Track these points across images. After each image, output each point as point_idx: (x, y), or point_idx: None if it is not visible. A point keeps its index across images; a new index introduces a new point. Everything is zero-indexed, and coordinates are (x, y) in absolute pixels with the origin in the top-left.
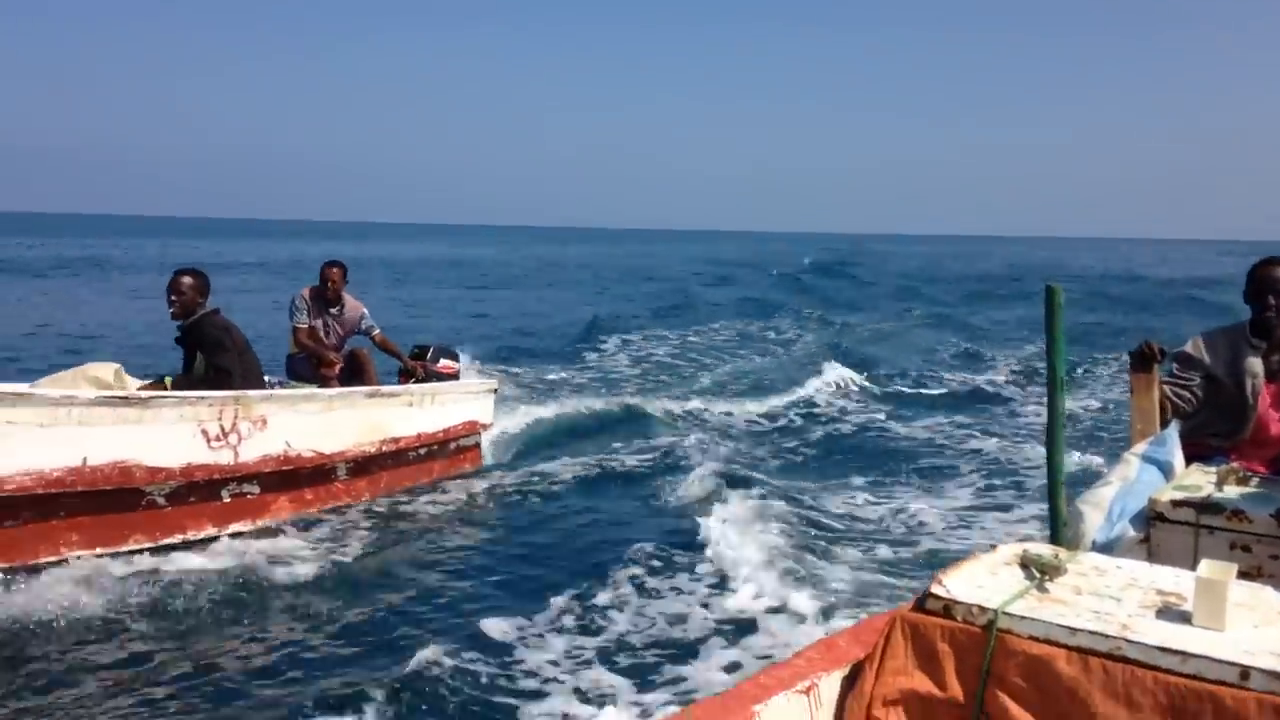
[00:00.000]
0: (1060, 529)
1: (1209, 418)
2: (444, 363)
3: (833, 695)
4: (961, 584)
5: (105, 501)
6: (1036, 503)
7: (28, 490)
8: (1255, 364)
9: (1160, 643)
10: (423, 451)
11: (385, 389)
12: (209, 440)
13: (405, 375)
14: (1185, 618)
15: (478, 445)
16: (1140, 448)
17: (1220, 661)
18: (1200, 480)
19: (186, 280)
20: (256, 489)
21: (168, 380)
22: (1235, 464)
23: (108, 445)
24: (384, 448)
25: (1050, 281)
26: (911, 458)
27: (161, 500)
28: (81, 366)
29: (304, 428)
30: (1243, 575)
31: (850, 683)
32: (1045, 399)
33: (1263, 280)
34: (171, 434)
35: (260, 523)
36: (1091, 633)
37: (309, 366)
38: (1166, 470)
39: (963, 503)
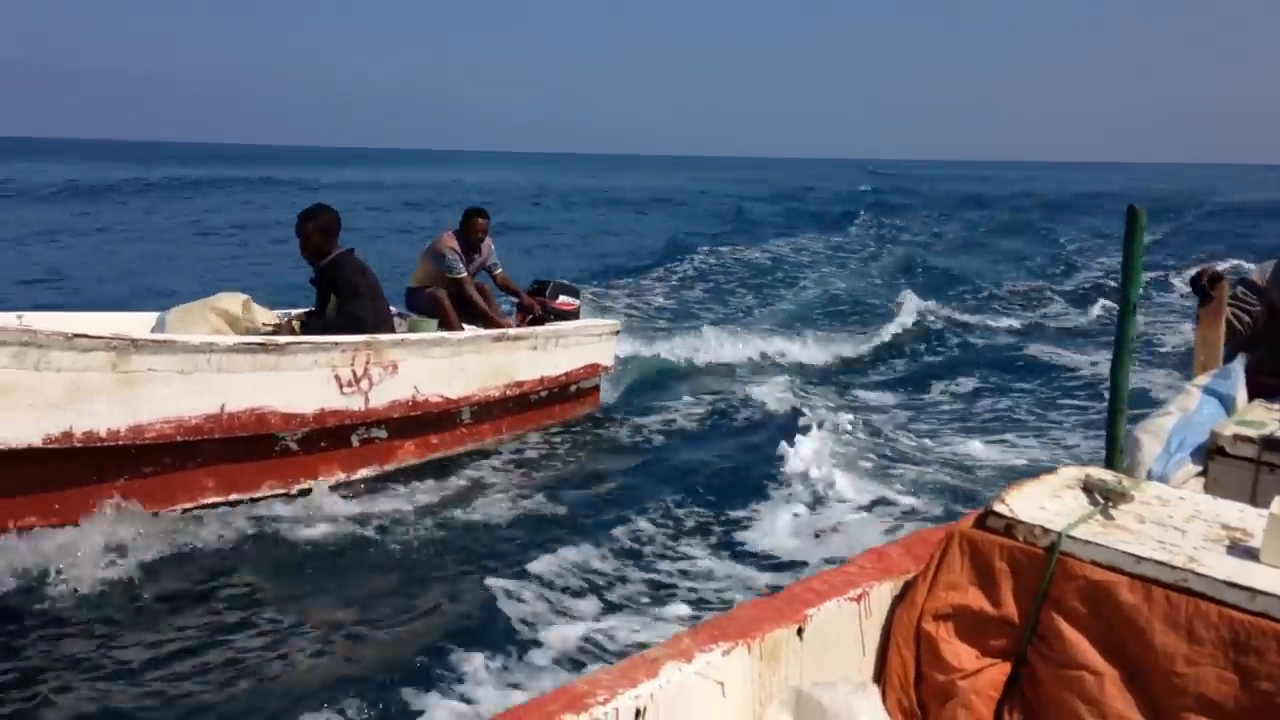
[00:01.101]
0: (1117, 456)
1: (1269, 352)
2: (563, 299)
3: (883, 605)
4: (1023, 504)
5: (240, 448)
6: (1081, 429)
7: (168, 438)
8: None
9: (1227, 577)
10: (544, 394)
11: (511, 332)
12: (341, 386)
13: (523, 312)
14: (1252, 554)
15: (597, 387)
16: (1203, 379)
17: None
18: (1264, 416)
19: (310, 224)
20: (384, 434)
21: (294, 318)
22: None
23: (245, 392)
24: (507, 391)
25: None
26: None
27: (294, 446)
28: (210, 298)
29: (432, 372)
30: None
31: (901, 594)
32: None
33: None
34: (306, 380)
35: (387, 467)
36: (1157, 562)
37: (429, 302)
38: (1228, 404)
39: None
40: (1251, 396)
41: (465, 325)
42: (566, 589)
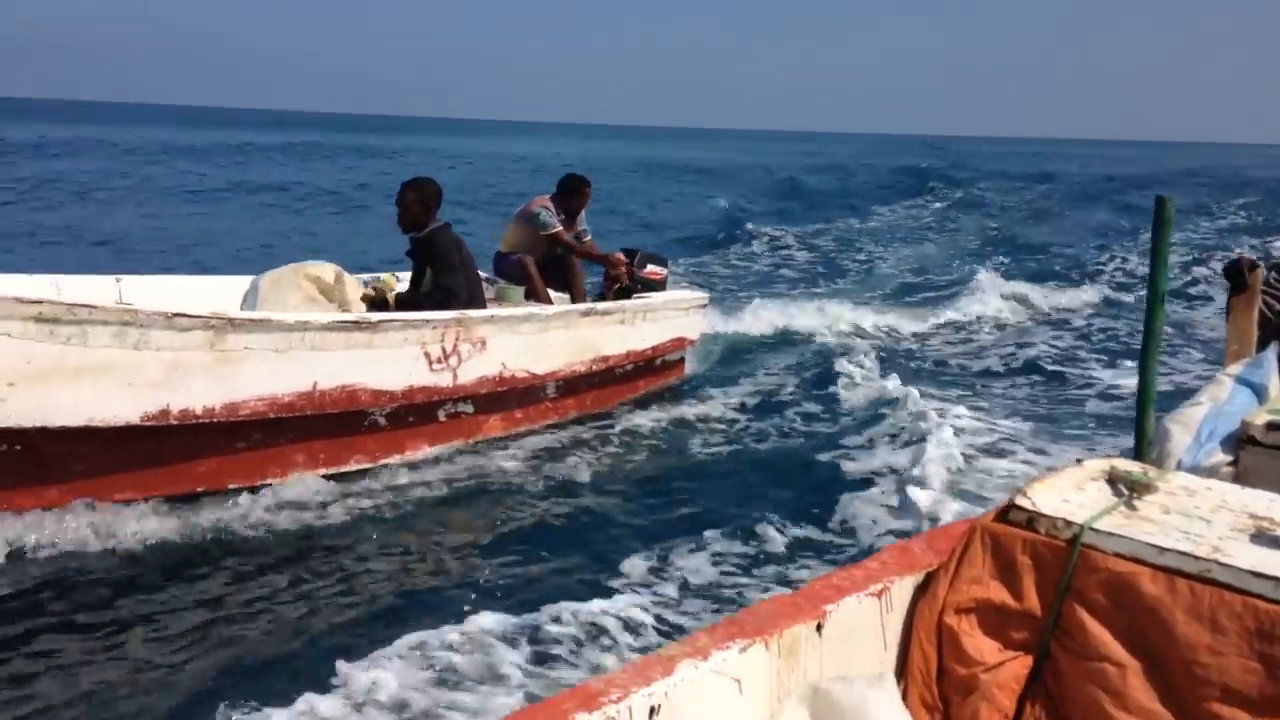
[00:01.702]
0: (1146, 447)
1: None
2: (650, 268)
3: (905, 600)
4: (1046, 497)
5: (330, 424)
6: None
7: (260, 415)
8: None
9: (1252, 567)
10: (629, 368)
11: (600, 307)
12: (430, 362)
13: (610, 280)
14: (1279, 544)
15: (683, 360)
16: (1235, 368)
17: None
18: None
19: (411, 194)
20: (470, 408)
21: (385, 284)
22: None
23: (337, 369)
24: (594, 366)
25: (1163, 194)
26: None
27: (382, 421)
28: (302, 264)
29: (520, 348)
30: None
31: (923, 588)
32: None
33: None
34: (396, 357)
35: (472, 440)
36: (1180, 553)
37: (516, 268)
38: (1261, 393)
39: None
40: None
41: (552, 293)
42: (645, 575)
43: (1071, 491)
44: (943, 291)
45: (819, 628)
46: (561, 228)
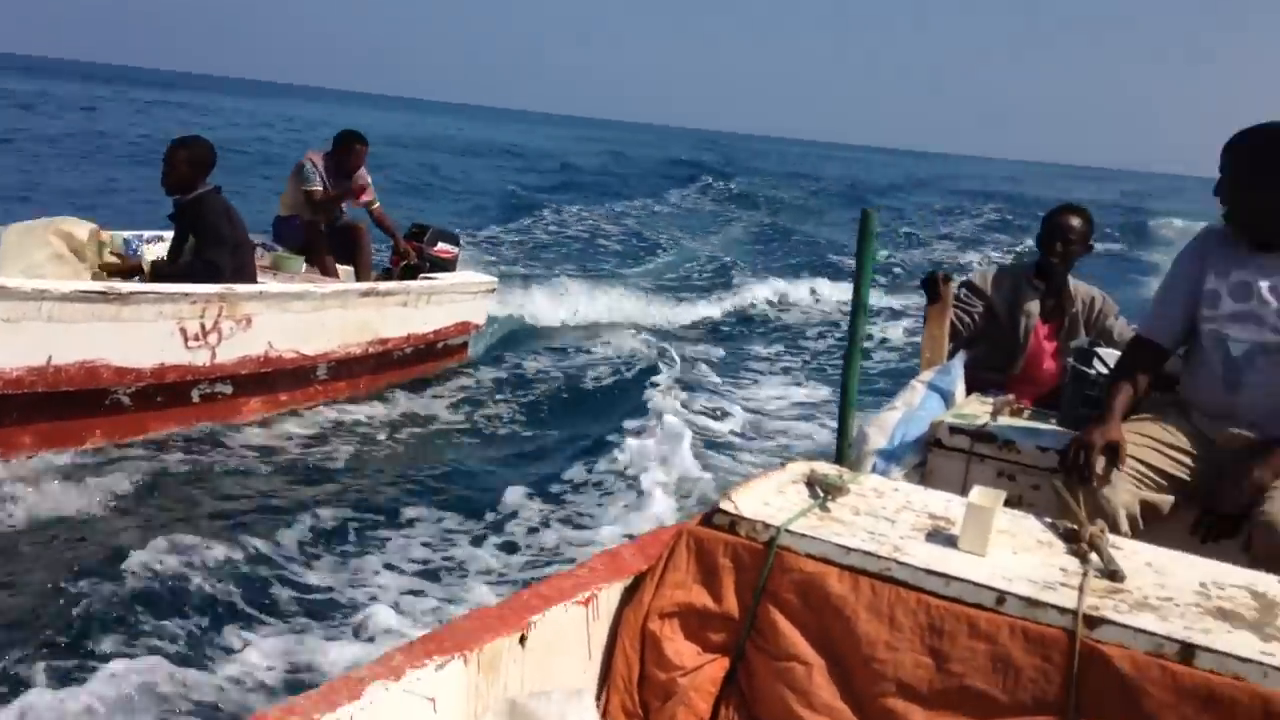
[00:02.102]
0: (846, 450)
1: (986, 350)
2: (441, 246)
3: (612, 606)
4: (749, 501)
5: (67, 402)
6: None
7: None
8: (1033, 305)
9: (926, 565)
10: (409, 351)
11: (382, 287)
12: (186, 339)
13: (398, 256)
14: (952, 541)
15: (465, 344)
16: (927, 375)
17: (979, 585)
18: (978, 410)
19: (182, 152)
20: (229, 389)
21: (145, 258)
22: (1010, 396)
23: (77, 344)
24: (370, 349)
25: (869, 207)
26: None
27: (126, 400)
28: (56, 218)
29: (290, 327)
30: (1007, 504)
31: (630, 594)
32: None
33: (1053, 227)
34: (147, 332)
35: (228, 423)
36: (864, 553)
37: (298, 231)
38: (948, 398)
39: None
40: (970, 391)
41: (339, 264)
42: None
43: (773, 494)
44: (715, 283)
45: (522, 639)
46: (322, 186)
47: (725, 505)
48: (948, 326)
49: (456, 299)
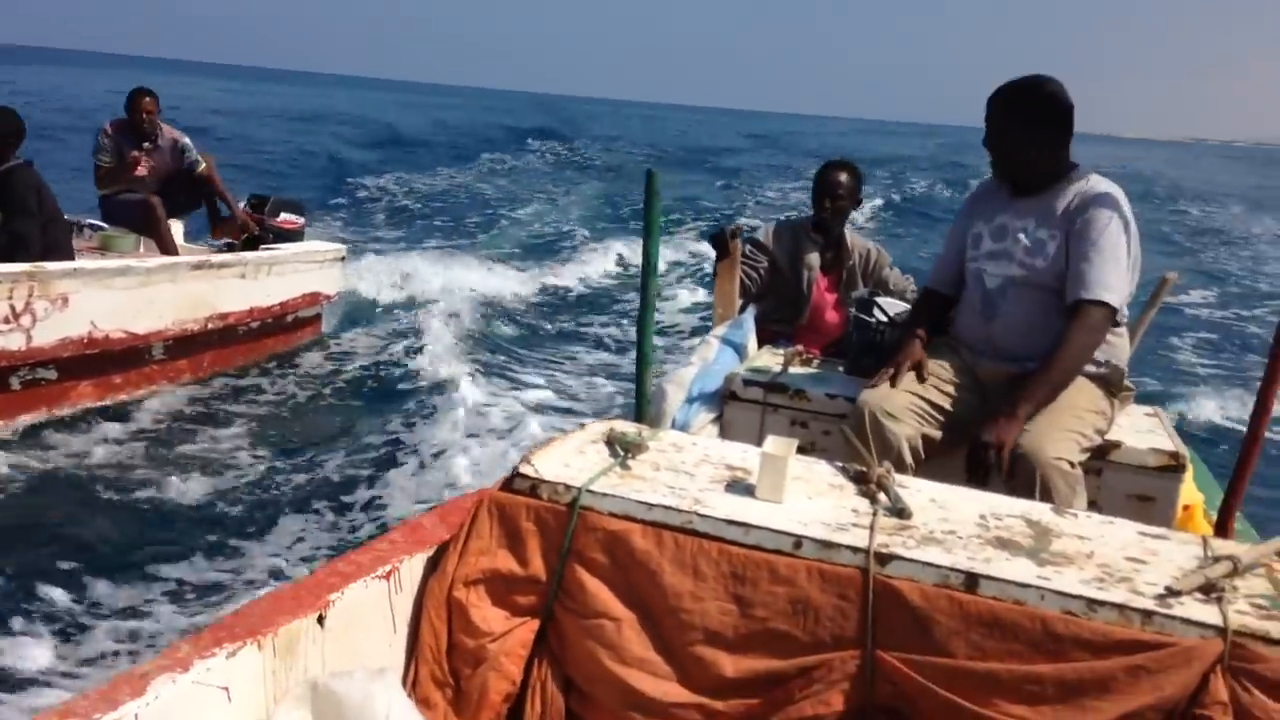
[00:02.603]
0: (645, 408)
1: (773, 304)
2: (285, 217)
3: (415, 578)
4: (549, 463)
5: None
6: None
7: None
8: (813, 258)
9: (726, 515)
10: (255, 326)
11: (216, 259)
12: None
13: (232, 227)
14: (750, 491)
15: (319, 316)
16: (720, 330)
17: (777, 532)
18: (769, 362)
19: None
20: (54, 374)
21: None
22: (799, 348)
23: None
24: (210, 325)
25: (651, 167)
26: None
27: None
28: None
29: (114, 305)
30: (800, 451)
31: (434, 564)
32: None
33: (822, 183)
34: None
35: (58, 411)
36: (666, 508)
37: (127, 209)
38: (741, 352)
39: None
40: (761, 344)
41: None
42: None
43: (573, 456)
44: (556, 252)
45: (320, 619)
46: (113, 156)
47: (525, 469)
48: (737, 281)
49: (301, 269)
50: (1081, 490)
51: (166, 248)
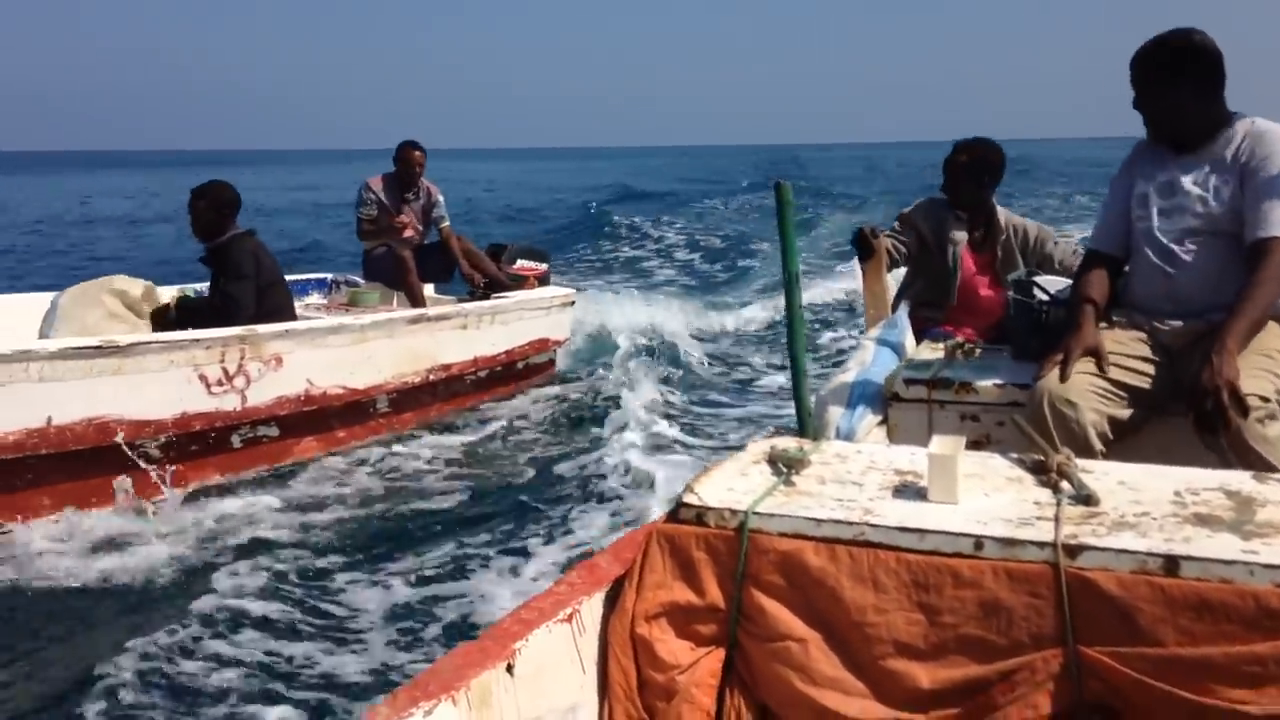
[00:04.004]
0: (807, 421)
1: (923, 285)
2: (522, 264)
3: (595, 618)
4: (712, 489)
5: (83, 461)
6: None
7: None
8: (959, 234)
9: (899, 523)
10: (482, 375)
11: (432, 312)
12: (209, 385)
13: (472, 277)
14: (922, 495)
15: (551, 361)
16: (874, 332)
17: (955, 534)
18: (929, 356)
19: (201, 201)
20: (275, 431)
21: (171, 303)
22: (958, 336)
23: (79, 401)
24: (432, 376)
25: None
26: None
27: (155, 452)
28: (109, 278)
29: (329, 363)
30: (973, 445)
31: (612, 602)
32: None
33: (947, 161)
34: (159, 382)
35: (282, 464)
36: (836, 521)
37: (381, 264)
38: (899, 350)
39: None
40: (916, 335)
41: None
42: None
43: (735, 479)
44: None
45: (510, 669)
46: (372, 213)
47: (689, 498)
48: (886, 280)
49: (527, 316)
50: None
51: (416, 300)
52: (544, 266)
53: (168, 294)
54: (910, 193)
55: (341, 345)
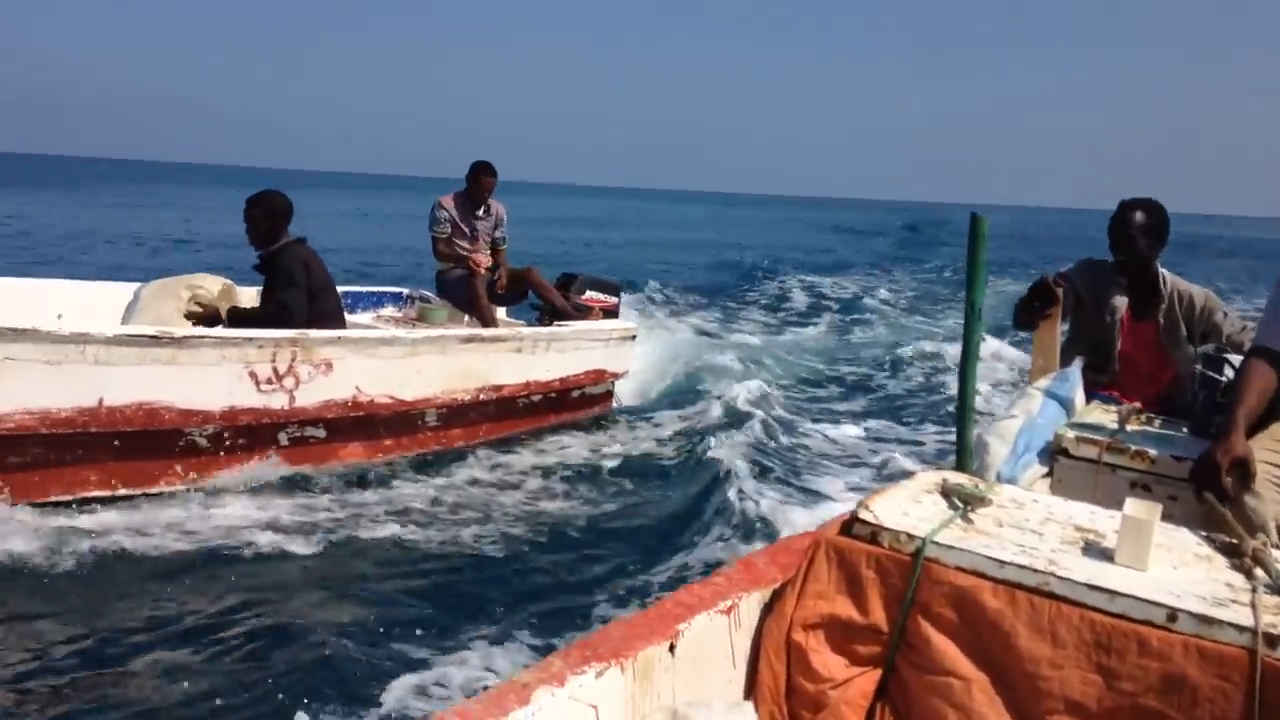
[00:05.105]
0: (967, 459)
1: (1083, 349)
2: (590, 295)
3: (752, 616)
4: (887, 510)
5: (133, 442)
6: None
7: (30, 430)
8: (1119, 301)
9: (1088, 580)
10: (536, 399)
11: (486, 333)
12: (258, 383)
13: (542, 304)
14: (1107, 555)
15: (609, 393)
16: (1043, 383)
17: (1148, 602)
18: (1103, 418)
19: (256, 210)
20: (322, 433)
21: (208, 295)
22: (1136, 405)
23: (131, 386)
24: (482, 395)
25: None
26: None
27: (203, 442)
28: (190, 275)
29: (379, 373)
30: None
31: (770, 605)
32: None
33: (1115, 222)
34: (211, 375)
35: (325, 466)
36: (1019, 566)
37: (453, 286)
38: (1068, 406)
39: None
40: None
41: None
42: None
43: (909, 504)
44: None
45: (671, 648)
46: (446, 231)
47: (864, 515)
48: (1058, 333)
49: (585, 346)
50: None
51: (486, 324)
52: (614, 300)
53: (248, 295)
54: (1060, 258)
55: (392, 357)
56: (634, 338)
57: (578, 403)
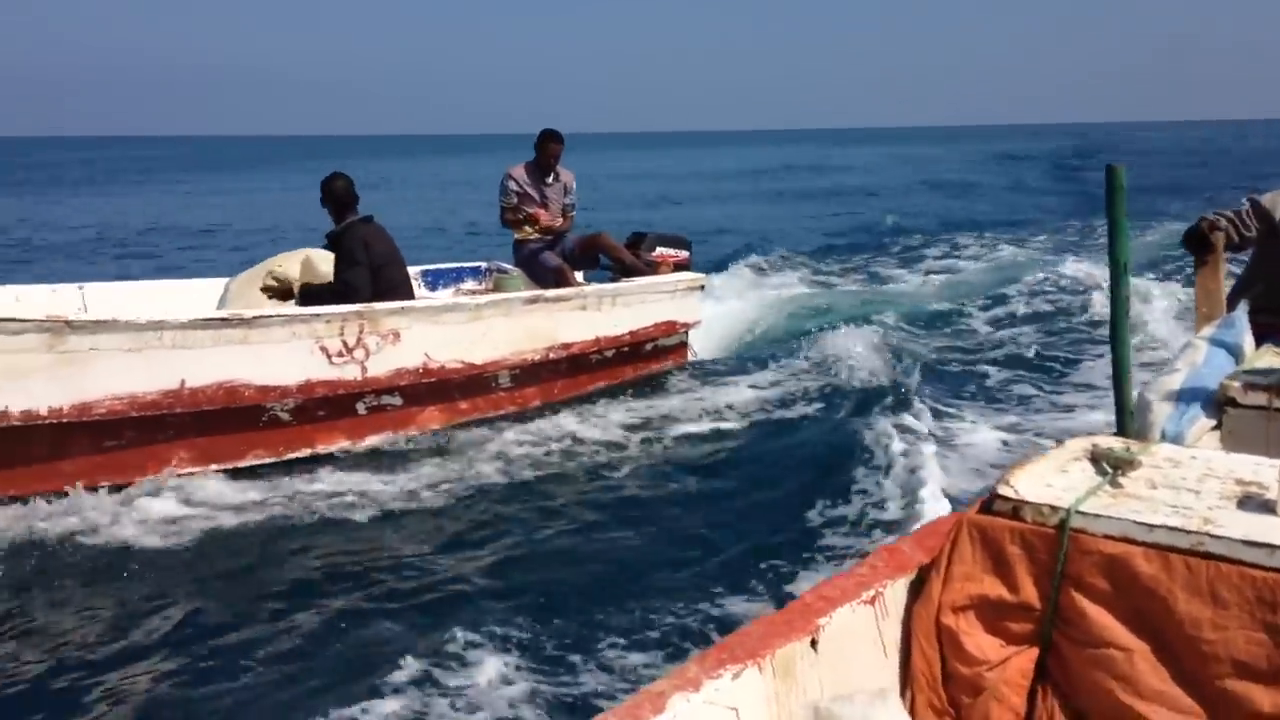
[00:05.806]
0: (1128, 420)
1: (1263, 289)
2: (660, 251)
3: (899, 603)
4: (1029, 483)
5: (214, 420)
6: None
7: (120, 414)
8: None
9: (1245, 536)
10: (608, 354)
11: (550, 293)
12: (330, 356)
13: (614, 262)
14: (1269, 508)
15: (683, 344)
16: (1207, 331)
17: None
18: (1273, 361)
19: (322, 195)
20: (398, 400)
21: (286, 272)
22: None
23: (209, 366)
24: (552, 354)
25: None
26: None
27: (285, 416)
28: (271, 259)
29: (446, 339)
30: None
31: (916, 590)
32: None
33: None
34: (283, 352)
35: (404, 433)
36: (1171, 529)
37: (540, 272)
38: (1236, 353)
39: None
40: (1256, 342)
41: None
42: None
43: (1054, 475)
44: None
45: (814, 643)
46: (513, 201)
47: (1004, 490)
48: (1222, 278)
49: (650, 299)
50: None
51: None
52: (684, 254)
53: (325, 260)
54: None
55: (457, 322)
56: (702, 288)
57: (652, 355)
